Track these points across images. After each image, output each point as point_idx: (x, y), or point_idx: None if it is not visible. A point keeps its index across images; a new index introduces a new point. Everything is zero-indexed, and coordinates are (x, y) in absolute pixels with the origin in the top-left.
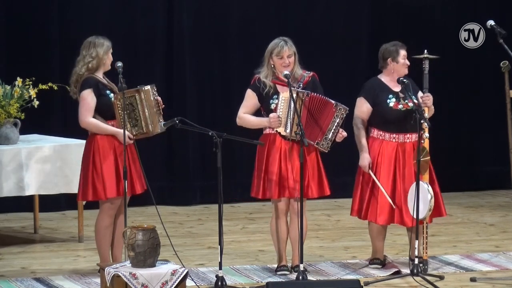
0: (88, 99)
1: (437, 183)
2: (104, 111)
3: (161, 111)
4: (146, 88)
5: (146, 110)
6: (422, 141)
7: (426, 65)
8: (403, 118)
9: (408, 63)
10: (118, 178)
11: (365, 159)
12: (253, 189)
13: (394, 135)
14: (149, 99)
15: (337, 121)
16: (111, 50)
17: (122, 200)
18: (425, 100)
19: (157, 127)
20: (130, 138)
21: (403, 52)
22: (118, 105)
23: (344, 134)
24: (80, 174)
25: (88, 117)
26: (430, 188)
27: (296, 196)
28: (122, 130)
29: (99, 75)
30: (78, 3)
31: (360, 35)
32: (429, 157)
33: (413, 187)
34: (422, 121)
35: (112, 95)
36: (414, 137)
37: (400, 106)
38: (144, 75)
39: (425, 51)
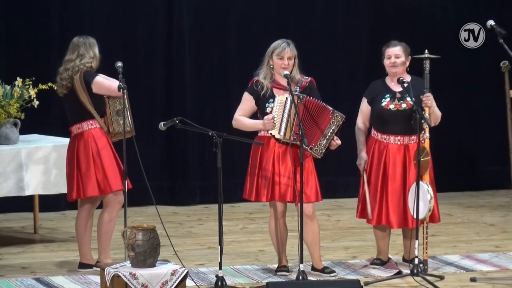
0: (103, 78)
1: (435, 188)
2: (98, 108)
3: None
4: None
5: (130, 110)
6: (423, 141)
7: (427, 65)
8: (395, 119)
9: (393, 60)
10: (120, 172)
11: (360, 159)
12: (245, 191)
13: (386, 136)
14: (127, 101)
15: (332, 128)
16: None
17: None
18: (425, 100)
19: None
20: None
21: (387, 52)
22: (109, 103)
23: (339, 142)
24: (74, 173)
25: (114, 81)
26: (430, 189)
27: (287, 200)
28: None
29: None
30: (78, 3)
31: (360, 35)
32: (429, 157)
33: (413, 187)
34: (422, 121)
35: None
36: (407, 139)
37: (391, 106)
38: (144, 75)
39: (426, 51)
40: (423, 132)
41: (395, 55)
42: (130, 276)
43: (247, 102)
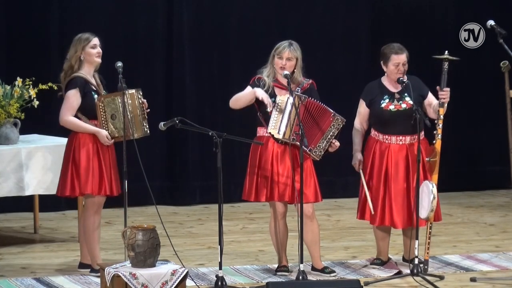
0: (72, 98)
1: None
2: (87, 110)
3: (145, 115)
4: (130, 92)
5: (128, 113)
6: (434, 142)
7: (445, 66)
8: (395, 120)
9: (401, 69)
10: (99, 175)
11: (355, 158)
12: (244, 192)
13: (387, 137)
14: (133, 103)
15: (332, 131)
16: (92, 42)
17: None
18: (443, 95)
19: (139, 131)
20: (108, 139)
21: (395, 59)
22: (100, 106)
23: (337, 144)
24: (61, 170)
25: (67, 116)
26: (434, 189)
27: (285, 200)
28: (100, 129)
29: (86, 73)
30: (78, 3)
31: (360, 35)
32: (436, 159)
33: (422, 187)
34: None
35: (96, 96)
36: (408, 139)
37: (391, 107)
38: (144, 75)
39: (446, 52)
40: (435, 132)
41: (403, 63)
42: (130, 276)
43: (247, 89)
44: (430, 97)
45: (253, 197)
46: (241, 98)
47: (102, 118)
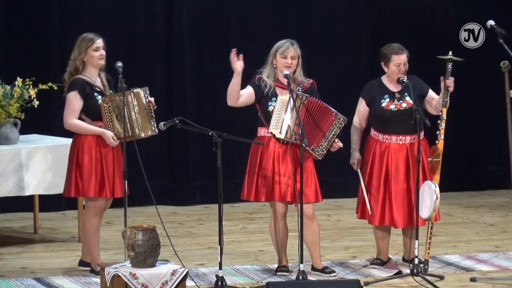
0: (73, 101)
1: None
2: (90, 112)
3: (153, 113)
4: (135, 91)
5: (133, 113)
6: (437, 142)
7: (449, 66)
8: (396, 119)
9: (403, 69)
10: (101, 178)
11: (353, 158)
12: (243, 192)
13: (387, 136)
14: (140, 102)
15: (334, 130)
16: (94, 45)
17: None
18: (448, 83)
19: (146, 130)
20: (114, 139)
21: (395, 60)
22: (105, 107)
23: (340, 144)
24: (66, 171)
25: (71, 119)
26: (437, 189)
27: (287, 200)
28: (106, 130)
29: (90, 74)
30: (78, 3)
31: (360, 35)
32: (439, 159)
33: (423, 187)
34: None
35: (100, 97)
36: (409, 138)
37: (392, 107)
38: (144, 75)
39: (450, 52)
40: (437, 132)
41: (404, 62)
42: (130, 276)
43: (247, 89)
44: (431, 94)
45: (253, 197)
46: (230, 89)
47: (107, 119)
